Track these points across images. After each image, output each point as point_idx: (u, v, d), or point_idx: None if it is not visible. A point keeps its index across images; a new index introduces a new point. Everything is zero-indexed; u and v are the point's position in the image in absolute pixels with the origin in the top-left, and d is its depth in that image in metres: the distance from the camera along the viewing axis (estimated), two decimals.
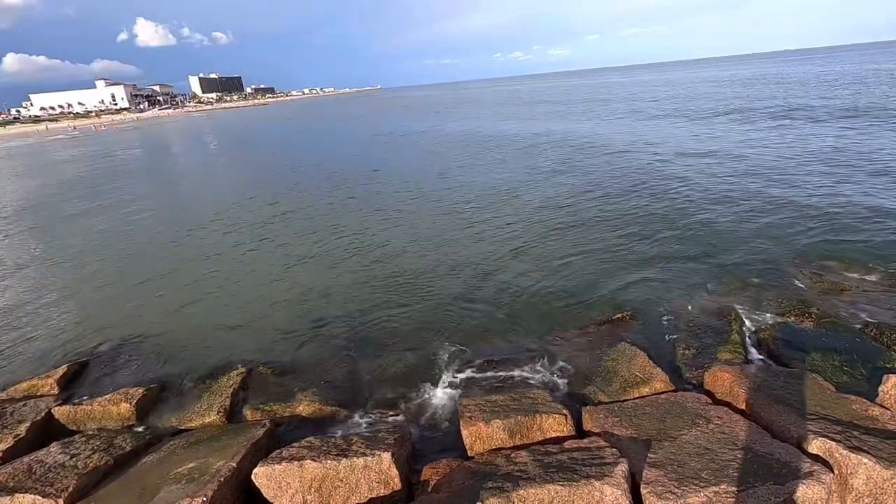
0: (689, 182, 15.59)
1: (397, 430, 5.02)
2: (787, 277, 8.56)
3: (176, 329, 8.97)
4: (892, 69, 57.96)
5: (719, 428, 4.47)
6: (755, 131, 24.10)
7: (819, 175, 14.97)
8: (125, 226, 17.30)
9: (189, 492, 4.23)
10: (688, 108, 37.90)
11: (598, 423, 4.91)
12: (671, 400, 5.11)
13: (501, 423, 4.87)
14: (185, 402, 6.43)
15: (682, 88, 62.25)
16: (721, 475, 3.84)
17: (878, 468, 3.73)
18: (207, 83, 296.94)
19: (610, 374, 6.01)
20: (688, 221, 11.97)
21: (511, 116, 46.52)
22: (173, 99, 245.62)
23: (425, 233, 13.17)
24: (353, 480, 4.39)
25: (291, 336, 8.31)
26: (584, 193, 15.53)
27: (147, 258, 13.32)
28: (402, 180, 20.51)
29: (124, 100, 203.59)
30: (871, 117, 24.20)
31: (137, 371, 7.69)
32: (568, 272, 9.72)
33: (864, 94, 34.14)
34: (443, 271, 10.40)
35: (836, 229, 10.53)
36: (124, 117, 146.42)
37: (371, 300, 9.35)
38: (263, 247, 13.29)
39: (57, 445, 5.32)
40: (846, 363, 5.77)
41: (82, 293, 11.20)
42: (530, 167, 20.56)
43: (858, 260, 8.94)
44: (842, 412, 4.49)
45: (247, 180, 25.18)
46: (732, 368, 5.45)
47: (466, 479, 4.29)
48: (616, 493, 3.78)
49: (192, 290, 10.71)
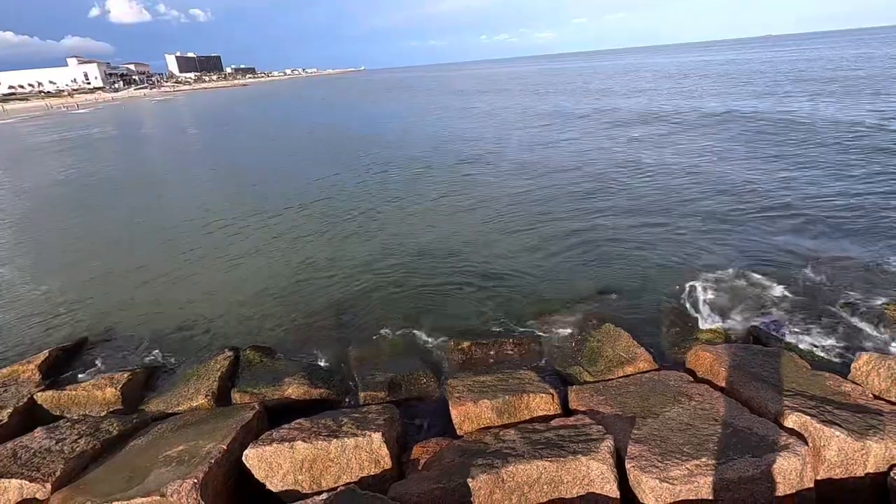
0: (671, 168, 15.77)
1: (387, 411, 5.07)
2: (767, 259, 8.78)
3: (161, 314, 8.86)
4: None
5: (700, 405, 4.62)
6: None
7: (795, 158, 15.25)
8: (109, 211, 16.89)
9: (180, 474, 4.24)
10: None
11: (584, 401, 5.03)
12: (654, 378, 5.25)
13: (490, 403, 4.96)
14: (172, 387, 6.39)
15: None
16: (702, 449, 3.98)
17: (850, 440, 3.90)
18: (185, 62, 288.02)
19: (595, 355, 6.13)
20: (671, 206, 12.14)
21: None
22: (150, 78, 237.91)
23: (414, 219, 13.14)
24: (344, 460, 4.45)
25: (279, 320, 8.28)
26: (569, 179, 15.60)
27: (131, 243, 13.07)
28: (392, 163, 20.33)
29: (98, 79, 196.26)
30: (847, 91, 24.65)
31: (122, 356, 7.61)
32: (554, 256, 9.82)
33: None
34: (431, 256, 10.41)
35: (814, 214, 10.79)
36: (98, 97, 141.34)
37: (359, 283, 9.35)
38: (250, 231, 13.12)
39: (42, 431, 5.25)
40: (821, 342, 5.98)
41: (64, 279, 10.96)
42: (512, 154, 20.55)
43: (836, 243, 9.20)
44: (816, 388, 4.67)
45: (232, 165, 24.70)
46: (713, 348, 5.61)
47: (456, 456, 4.38)
48: (602, 467, 3.90)
49: (178, 275, 10.56)
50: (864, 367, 4.93)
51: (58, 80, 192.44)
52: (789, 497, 3.74)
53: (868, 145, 16.12)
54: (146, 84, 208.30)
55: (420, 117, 37.55)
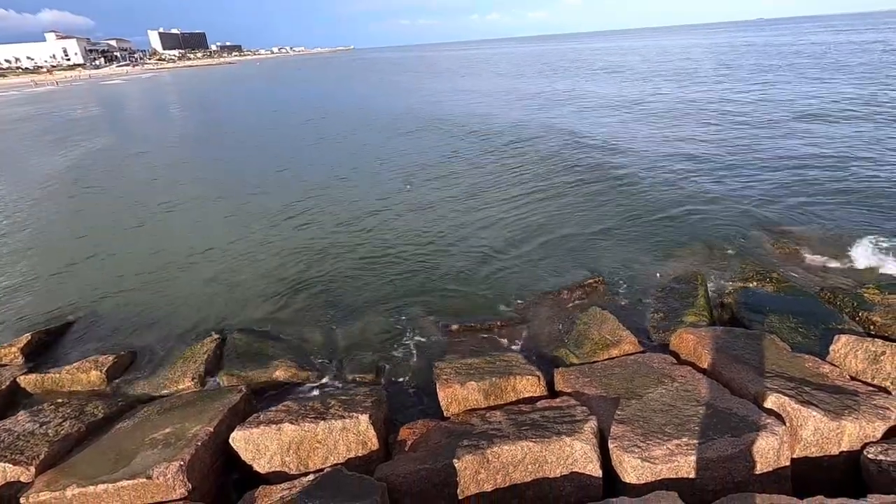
0: (653, 154, 15.80)
1: (374, 394, 5.09)
2: (751, 244, 8.89)
3: (146, 297, 8.77)
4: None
5: (683, 386, 4.70)
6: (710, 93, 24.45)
7: (781, 141, 15.37)
8: (94, 192, 16.55)
9: (166, 456, 4.24)
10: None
11: (570, 383, 5.09)
12: (639, 361, 5.33)
13: (476, 385, 5.00)
14: (157, 370, 6.36)
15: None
16: (683, 429, 4.06)
17: (826, 420, 4.01)
18: (169, 39, 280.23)
19: (581, 337, 6.20)
20: (655, 191, 12.19)
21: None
22: (132, 55, 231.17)
23: (400, 203, 13.06)
24: (332, 442, 4.47)
25: (266, 303, 8.24)
26: (552, 165, 15.56)
27: (116, 225, 12.83)
28: (377, 146, 20.11)
29: (78, 55, 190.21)
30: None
31: (106, 339, 7.53)
32: (541, 240, 9.84)
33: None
34: (418, 240, 10.38)
35: (799, 195, 10.92)
36: (79, 74, 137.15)
37: (346, 267, 9.31)
38: (235, 214, 12.95)
39: (25, 414, 5.21)
40: (802, 325, 6.09)
41: (46, 262, 10.76)
42: (498, 138, 20.43)
43: (818, 227, 9.33)
44: (796, 370, 4.77)
45: (216, 147, 24.26)
46: (696, 330, 5.69)
47: (443, 437, 4.42)
48: (585, 447, 3.97)
49: (162, 257, 10.42)
50: (843, 349, 5.04)
51: (36, 56, 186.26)
52: (766, 475, 3.84)
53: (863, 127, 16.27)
54: (128, 61, 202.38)
55: (407, 97, 37.09)
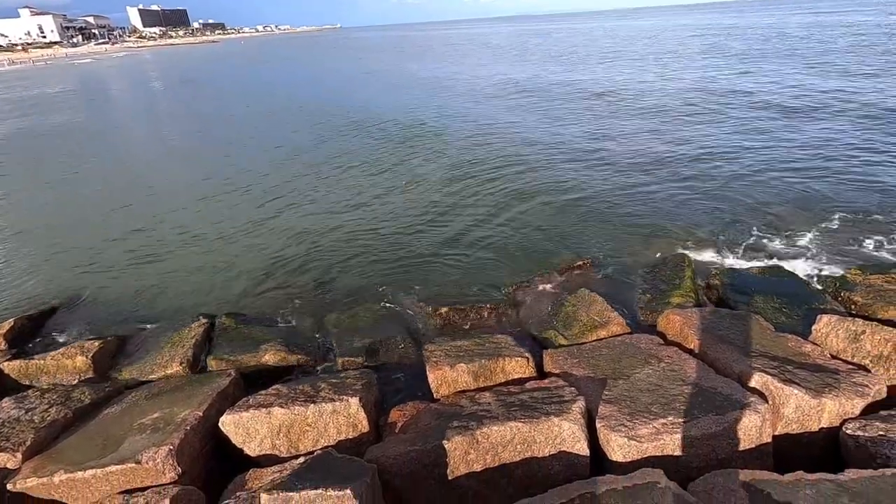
0: (640, 138, 15.80)
1: (364, 376, 5.10)
2: (738, 226, 8.97)
3: (132, 281, 8.65)
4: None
5: (669, 366, 4.77)
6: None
7: (770, 123, 15.44)
8: (76, 176, 16.13)
9: (155, 441, 4.23)
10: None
11: (558, 364, 5.14)
12: (626, 342, 5.39)
13: (466, 367, 5.03)
14: (144, 355, 6.29)
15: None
16: (669, 408, 4.14)
17: (807, 398, 4.10)
18: (148, 16, 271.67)
19: (569, 319, 6.24)
20: (645, 172, 12.22)
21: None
22: (111, 33, 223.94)
23: (388, 186, 12.94)
24: (322, 425, 4.49)
25: (255, 286, 8.17)
26: (542, 146, 15.50)
27: (99, 208, 12.56)
28: (365, 127, 19.84)
29: (54, 32, 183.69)
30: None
31: (91, 325, 7.43)
32: (530, 223, 9.85)
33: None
34: (408, 222, 10.32)
35: (786, 178, 11.01)
36: (54, 52, 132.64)
37: (335, 250, 9.24)
38: (223, 197, 12.75)
39: (9, 400, 5.14)
40: (786, 305, 6.20)
41: (27, 245, 10.54)
42: (485, 122, 20.26)
43: (803, 209, 9.44)
44: (779, 349, 4.87)
45: (206, 129, 23.74)
46: (683, 311, 5.77)
47: (432, 419, 4.46)
48: (573, 427, 4.03)
49: (148, 241, 10.26)
50: (824, 328, 5.14)
51: (9, 33, 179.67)
52: (749, 452, 3.94)
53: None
54: (107, 39, 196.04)
55: (395, 79, 36.54)
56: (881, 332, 4.77)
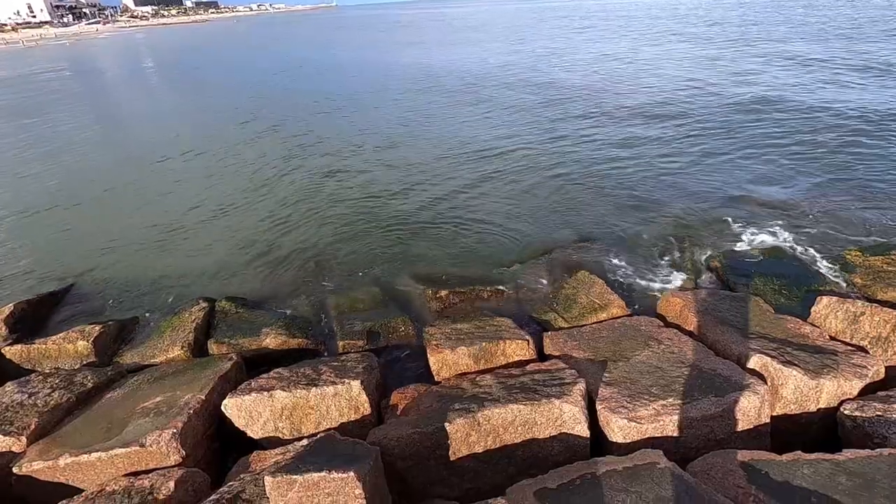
0: (641, 119, 15.63)
1: (365, 359, 5.12)
2: (737, 208, 8.94)
3: (131, 265, 8.61)
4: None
5: (669, 348, 4.79)
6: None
7: (765, 106, 15.27)
8: (75, 158, 15.92)
9: (158, 424, 4.26)
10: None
11: (559, 346, 5.17)
12: (626, 324, 5.41)
13: (467, 350, 5.05)
14: (146, 339, 6.30)
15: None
16: (668, 390, 4.17)
17: (805, 379, 4.14)
18: None
19: (570, 301, 6.26)
20: (644, 156, 12.12)
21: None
22: (102, 12, 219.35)
23: (388, 165, 12.83)
24: (324, 407, 4.52)
25: (255, 269, 8.16)
26: (536, 130, 15.34)
27: (99, 191, 12.43)
28: (363, 106, 19.59)
29: (44, 11, 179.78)
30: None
31: (92, 309, 7.43)
32: (530, 205, 9.79)
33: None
34: (408, 204, 10.27)
35: (782, 161, 10.94)
36: (45, 31, 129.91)
37: (335, 233, 9.20)
38: (222, 179, 12.64)
39: (12, 385, 5.16)
40: (785, 287, 6.22)
41: (27, 230, 10.46)
42: (484, 100, 20.00)
43: (801, 192, 9.40)
44: (778, 331, 4.89)
45: (205, 109, 23.41)
46: (683, 294, 5.78)
47: (434, 401, 4.49)
48: (574, 409, 4.06)
49: (147, 225, 10.18)
50: (824, 309, 5.16)
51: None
52: (747, 432, 3.99)
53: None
54: (98, 18, 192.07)
55: (399, 55, 35.95)
56: (880, 313, 4.79)
